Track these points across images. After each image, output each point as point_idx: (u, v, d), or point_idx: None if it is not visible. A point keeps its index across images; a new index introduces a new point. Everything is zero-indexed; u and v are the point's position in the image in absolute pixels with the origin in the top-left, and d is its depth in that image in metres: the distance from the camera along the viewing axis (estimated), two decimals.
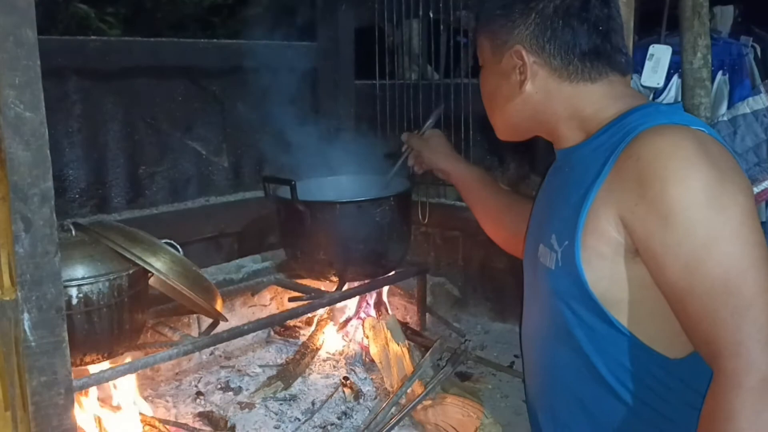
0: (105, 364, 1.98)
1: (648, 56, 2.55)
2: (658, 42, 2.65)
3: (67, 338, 1.36)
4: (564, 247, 1.31)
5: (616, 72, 1.40)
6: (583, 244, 1.27)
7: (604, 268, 1.26)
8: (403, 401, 2.22)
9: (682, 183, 1.15)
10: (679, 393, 1.28)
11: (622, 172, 1.23)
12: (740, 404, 1.09)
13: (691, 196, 1.15)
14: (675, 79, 2.91)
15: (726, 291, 1.12)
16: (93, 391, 2.01)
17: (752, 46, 3.21)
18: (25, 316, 1.30)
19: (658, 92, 2.76)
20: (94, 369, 1.95)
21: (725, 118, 2.80)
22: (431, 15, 2.98)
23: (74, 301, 1.84)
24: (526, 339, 1.60)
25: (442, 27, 3.09)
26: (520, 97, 1.44)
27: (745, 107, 2.76)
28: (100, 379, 1.89)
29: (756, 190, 2.61)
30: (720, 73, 3.03)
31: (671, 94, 2.98)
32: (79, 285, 1.85)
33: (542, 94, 1.42)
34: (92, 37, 3.02)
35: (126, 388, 2.13)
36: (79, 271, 1.86)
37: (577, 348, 1.34)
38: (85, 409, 2.00)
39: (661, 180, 1.16)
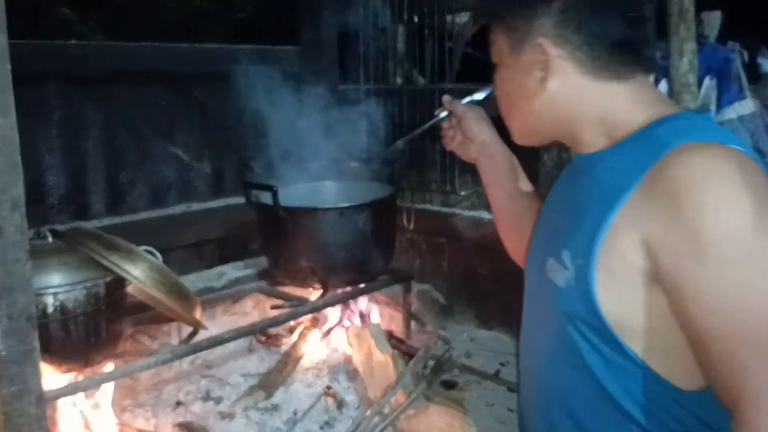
0: (81, 374, 1.94)
1: None
2: None
3: (38, 347, 1.33)
4: (578, 266, 1.20)
5: (644, 70, 1.28)
6: (600, 265, 1.16)
7: (621, 293, 1.16)
8: (386, 410, 2.19)
9: (722, 212, 1.04)
10: (690, 426, 1.21)
11: (651, 192, 1.11)
12: None
13: (731, 228, 1.04)
14: (662, 84, 2.90)
15: (755, 337, 1.04)
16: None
17: (739, 51, 3.19)
18: None
19: None
20: (69, 378, 1.91)
21: None
22: (416, 20, 2.96)
23: (50, 309, 1.82)
24: (526, 353, 1.50)
25: (427, 32, 3.07)
26: (543, 96, 1.30)
27: (732, 112, 2.75)
28: (75, 389, 1.85)
29: None
30: (707, 78, 3.01)
31: None
32: (55, 293, 1.83)
33: (567, 92, 1.29)
34: (72, 41, 2.98)
35: (104, 397, 2.09)
36: (55, 278, 1.84)
37: (587, 372, 1.25)
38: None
39: (697, 207, 1.05)
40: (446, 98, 1.77)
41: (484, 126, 1.72)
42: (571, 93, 1.28)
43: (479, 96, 1.81)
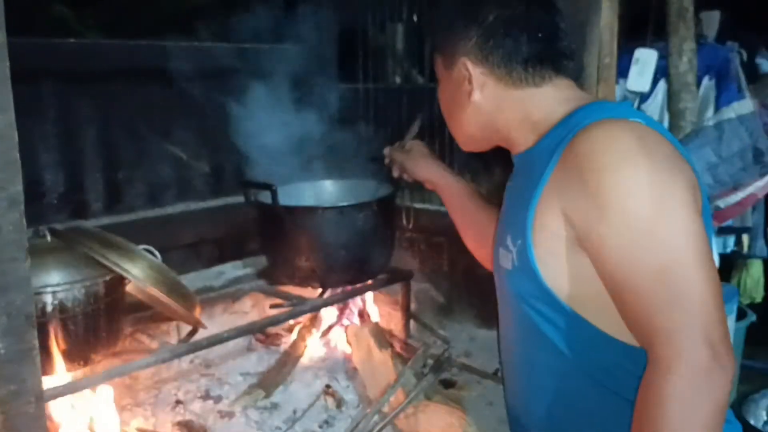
0: (80, 373, 1.93)
1: (634, 60, 2.55)
2: (644, 46, 2.64)
3: (37, 345, 1.32)
4: (518, 246, 1.34)
5: (561, 75, 1.44)
6: (535, 242, 1.30)
7: (557, 263, 1.29)
8: (385, 409, 2.19)
9: (618, 173, 1.17)
10: None
11: (564, 167, 1.26)
12: (671, 390, 1.11)
13: (627, 187, 1.17)
14: (662, 83, 2.90)
15: (660, 281, 1.14)
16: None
17: (738, 51, 3.21)
18: None
19: (644, 97, 2.75)
20: (68, 377, 1.90)
21: (711, 123, 2.79)
22: (415, 18, 2.96)
23: (49, 308, 1.81)
24: (502, 344, 1.65)
25: (426, 30, 3.07)
26: (472, 107, 1.48)
27: (730, 112, 2.76)
28: (74, 388, 1.84)
29: (741, 194, 2.61)
30: (706, 77, 3.02)
31: (658, 99, 2.97)
32: (54, 291, 1.82)
33: (491, 102, 1.46)
34: (69, 39, 2.97)
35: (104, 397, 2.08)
36: (54, 277, 1.83)
37: (550, 346, 1.35)
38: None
39: (597, 171, 1.19)
40: (386, 150, 2.11)
41: (422, 165, 2.01)
42: (494, 102, 1.46)
43: (413, 132, 2.11)
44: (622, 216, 1.17)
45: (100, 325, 1.92)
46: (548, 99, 1.43)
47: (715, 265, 1.18)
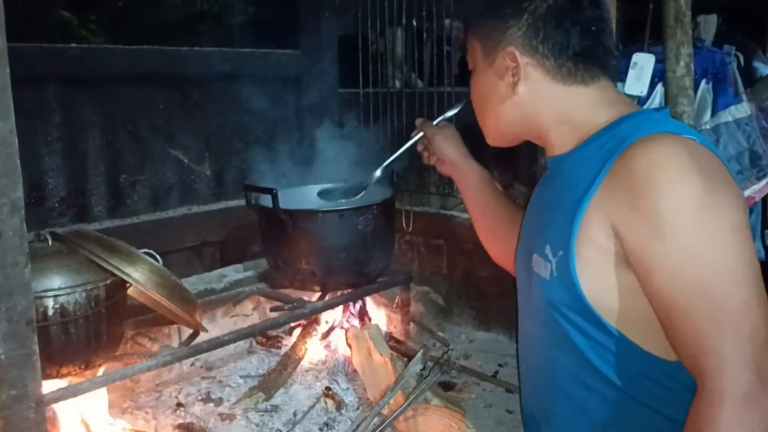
0: (81, 376, 1.95)
1: (631, 64, 2.55)
2: (642, 50, 2.65)
3: (37, 350, 1.33)
4: (559, 257, 1.30)
5: (607, 76, 1.39)
6: (578, 253, 1.26)
7: (598, 276, 1.25)
8: (385, 412, 2.20)
9: (674, 193, 1.14)
10: (679, 394, 1.26)
11: (615, 182, 1.22)
12: (724, 418, 1.09)
13: (682, 207, 1.14)
14: (659, 87, 2.90)
15: (710, 304, 1.12)
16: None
17: (735, 55, 3.20)
18: None
19: (642, 101, 2.75)
20: (69, 381, 1.92)
21: (708, 127, 2.80)
22: (414, 23, 2.97)
23: (50, 311, 1.82)
24: (523, 348, 1.58)
25: (425, 35, 3.08)
26: (513, 100, 1.41)
27: (727, 116, 2.77)
28: (75, 392, 1.85)
29: None
30: (703, 81, 3.02)
31: (655, 103, 2.98)
32: (55, 295, 1.83)
33: (535, 96, 1.39)
34: (72, 44, 2.99)
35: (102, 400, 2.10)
36: (55, 281, 1.84)
37: (579, 355, 1.33)
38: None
39: (653, 190, 1.15)
40: (418, 121, 1.94)
41: (452, 145, 1.87)
42: (538, 97, 1.39)
43: (451, 113, 1.97)
44: (675, 236, 1.14)
45: (101, 328, 1.93)
46: (593, 100, 1.37)
47: (764, 289, 1.15)
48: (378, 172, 2.07)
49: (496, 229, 1.80)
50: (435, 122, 1.95)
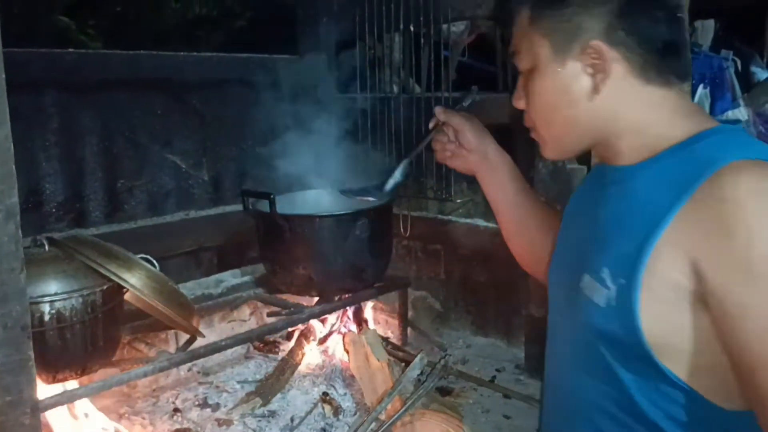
0: (77, 382, 1.95)
1: None
2: None
3: (32, 356, 1.33)
4: (620, 285, 1.14)
5: (683, 75, 1.23)
6: (644, 286, 1.11)
7: (665, 314, 1.11)
8: (382, 417, 2.19)
9: None
10: None
11: (698, 213, 1.06)
12: None
13: None
14: None
15: None
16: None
17: (733, 60, 3.21)
18: None
19: None
20: (65, 386, 1.92)
21: None
22: (412, 28, 2.98)
23: (47, 317, 1.82)
24: (551, 366, 1.46)
25: (423, 40, 3.09)
26: (592, 103, 1.22)
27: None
28: (71, 397, 1.85)
29: None
30: (701, 86, 3.02)
31: None
32: (51, 301, 1.83)
33: (616, 98, 1.21)
34: (69, 49, 2.99)
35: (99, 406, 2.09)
36: (52, 286, 1.84)
37: (619, 389, 1.21)
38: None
39: (747, 229, 1.01)
40: (439, 109, 1.66)
41: (483, 135, 1.63)
42: (619, 98, 1.21)
43: (466, 104, 1.77)
44: None
45: (97, 334, 1.93)
46: (672, 107, 1.20)
47: None
48: (401, 167, 1.79)
49: (526, 229, 1.63)
50: (458, 107, 1.72)
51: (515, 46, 1.31)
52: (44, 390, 1.86)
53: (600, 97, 1.20)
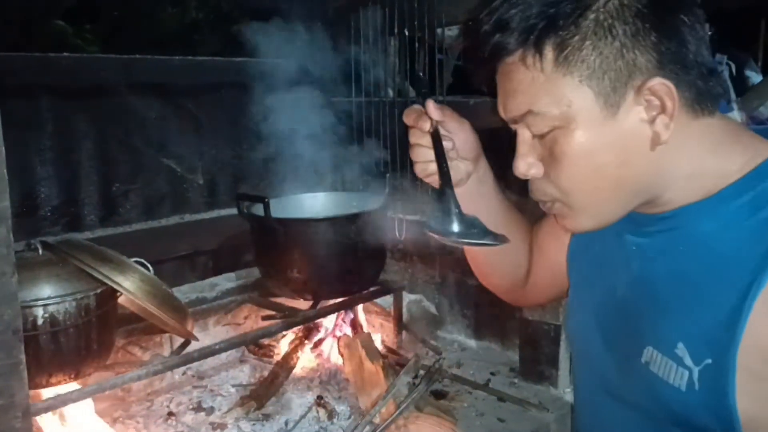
0: (71, 386, 1.95)
1: None
2: None
3: (24, 360, 1.32)
4: (705, 366, 0.96)
5: (723, 96, 1.08)
6: (740, 366, 0.93)
7: (760, 391, 0.93)
8: (377, 420, 2.20)
9: None
10: None
11: None
12: None
13: None
14: None
15: None
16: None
17: (727, 64, 3.22)
18: None
19: None
20: (59, 390, 1.91)
21: None
22: (407, 32, 2.98)
23: (40, 321, 1.82)
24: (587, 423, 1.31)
25: (418, 44, 3.09)
26: (653, 155, 0.99)
27: None
28: (64, 401, 1.85)
29: None
30: None
31: None
32: (45, 305, 1.83)
33: (674, 142, 0.98)
34: (64, 54, 2.99)
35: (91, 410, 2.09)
36: (45, 290, 1.85)
37: None
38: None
39: None
40: (432, 106, 1.38)
41: (477, 142, 1.38)
42: (677, 142, 0.99)
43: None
44: None
45: (91, 337, 1.93)
46: (721, 135, 1.01)
47: None
48: (452, 200, 1.29)
49: (514, 244, 1.38)
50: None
51: (523, 102, 1.03)
52: (37, 394, 1.86)
53: (661, 146, 0.99)
